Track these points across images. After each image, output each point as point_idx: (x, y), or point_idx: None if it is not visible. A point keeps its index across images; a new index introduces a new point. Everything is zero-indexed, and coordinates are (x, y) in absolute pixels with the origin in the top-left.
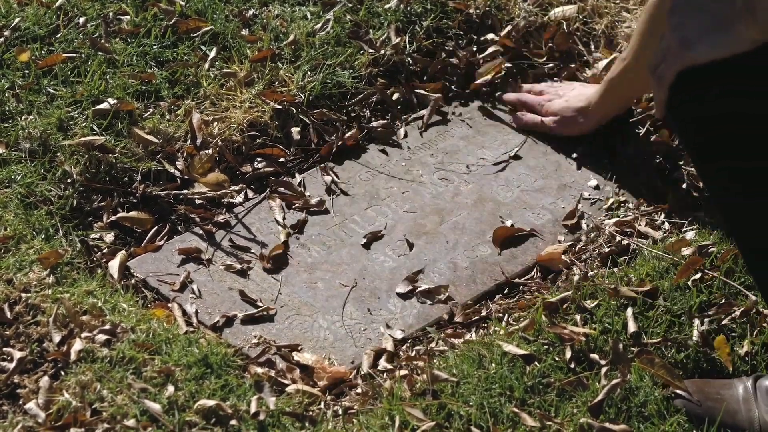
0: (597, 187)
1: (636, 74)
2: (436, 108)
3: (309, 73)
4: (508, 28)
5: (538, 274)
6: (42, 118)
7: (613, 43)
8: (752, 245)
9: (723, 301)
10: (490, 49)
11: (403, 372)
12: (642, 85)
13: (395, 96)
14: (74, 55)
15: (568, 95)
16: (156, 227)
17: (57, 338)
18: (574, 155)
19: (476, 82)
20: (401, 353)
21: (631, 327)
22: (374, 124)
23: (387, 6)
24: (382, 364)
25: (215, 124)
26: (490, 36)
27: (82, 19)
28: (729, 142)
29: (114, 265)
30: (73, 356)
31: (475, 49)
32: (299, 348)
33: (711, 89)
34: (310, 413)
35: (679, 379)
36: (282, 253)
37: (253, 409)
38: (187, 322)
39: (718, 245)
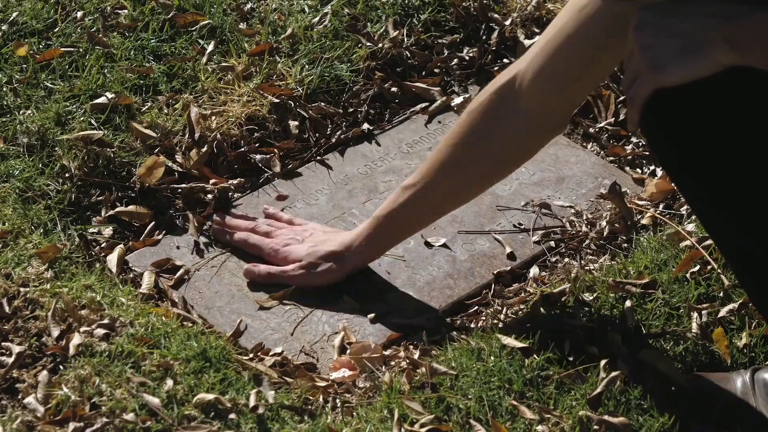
0: (596, 179)
1: (429, 205)
2: (435, 101)
3: (307, 66)
4: (508, 21)
5: (536, 268)
6: (40, 112)
7: None
8: (727, 252)
9: (721, 293)
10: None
11: (402, 365)
12: (433, 217)
13: (393, 89)
14: (72, 49)
15: (310, 239)
16: (154, 221)
17: (56, 332)
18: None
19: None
20: (400, 346)
21: (630, 320)
22: (372, 117)
23: None
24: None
25: (213, 118)
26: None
27: (79, 14)
28: (702, 162)
29: (112, 260)
30: (71, 350)
31: (473, 41)
32: (298, 342)
33: (682, 111)
34: (309, 407)
35: (678, 373)
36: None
37: (252, 402)
38: (186, 316)
39: None
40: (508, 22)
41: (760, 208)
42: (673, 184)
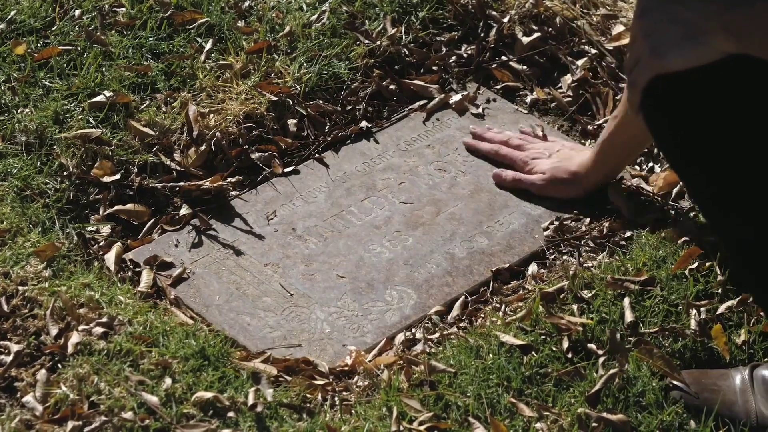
0: None
1: (632, 131)
2: (433, 99)
3: (305, 64)
4: (506, 18)
5: (534, 265)
6: (38, 110)
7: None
8: (728, 243)
9: (720, 290)
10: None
11: (401, 363)
12: (642, 141)
13: (391, 87)
14: (70, 47)
15: (557, 155)
16: (152, 219)
17: (54, 331)
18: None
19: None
20: (399, 344)
21: (629, 317)
22: (370, 115)
23: None
24: (380, 356)
25: (211, 116)
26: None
27: (77, 12)
28: (702, 148)
29: (110, 258)
30: (70, 349)
31: (471, 39)
32: (297, 339)
33: (682, 97)
34: (308, 405)
35: (677, 370)
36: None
37: (250, 401)
38: (184, 314)
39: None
40: (506, 20)
41: (760, 197)
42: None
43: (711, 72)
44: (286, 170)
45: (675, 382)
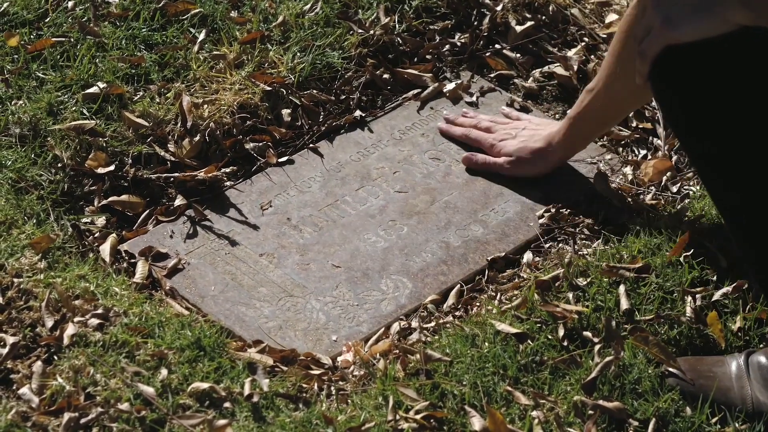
0: (589, 163)
1: (606, 107)
2: (427, 87)
3: (298, 54)
4: (499, 6)
5: (529, 253)
6: (32, 102)
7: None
8: (729, 214)
9: (715, 277)
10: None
11: (396, 352)
12: (614, 117)
13: (385, 76)
14: (63, 39)
15: (522, 134)
16: (147, 210)
17: (50, 323)
18: None
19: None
20: (394, 333)
21: (624, 304)
22: (364, 104)
23: None
24: (375, 344)
25: (205, 106)
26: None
27: (70, 3)
28: (707, 119)
29: (105, 249)
30: (65, 341)
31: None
32: (292, 329)
33: (692, 68)
34: (304, 395)
35: (672, 357)
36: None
37: (246, 391)
38: (180, 305)
39: (709, 219)
40: (499, 8)
41: (763, 169)
42: (673, 155)
43: (722, 44)
44: (280, 160)
45: (671, 369)
